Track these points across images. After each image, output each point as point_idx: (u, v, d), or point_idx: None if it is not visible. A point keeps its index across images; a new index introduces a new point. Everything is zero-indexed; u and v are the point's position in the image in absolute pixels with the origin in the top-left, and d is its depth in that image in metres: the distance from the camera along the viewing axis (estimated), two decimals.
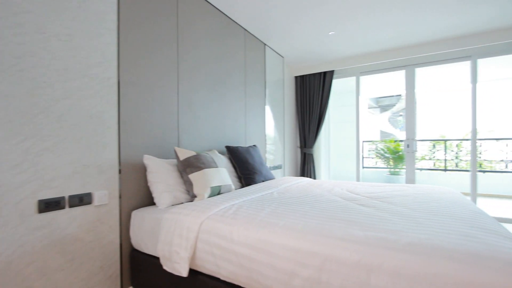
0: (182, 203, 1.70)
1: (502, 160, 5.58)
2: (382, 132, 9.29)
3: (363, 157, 6.42)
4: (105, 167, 1.51)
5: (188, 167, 1.73)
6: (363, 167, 6.45)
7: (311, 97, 4.11)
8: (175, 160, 1.87)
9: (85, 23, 1.44)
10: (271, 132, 3.48)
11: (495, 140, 5.67)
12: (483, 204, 4.12)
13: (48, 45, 1.29)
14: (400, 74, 3.75)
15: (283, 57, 3.74)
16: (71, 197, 1.36)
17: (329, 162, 4.34)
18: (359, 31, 2.96)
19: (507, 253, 0.83)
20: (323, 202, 1.63)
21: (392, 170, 5.99)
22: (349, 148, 5.35)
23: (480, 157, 5.72)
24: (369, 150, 6.88)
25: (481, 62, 3.33)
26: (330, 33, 2.97)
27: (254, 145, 2.66)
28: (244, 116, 2.89)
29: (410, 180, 3.66)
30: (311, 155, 4.14)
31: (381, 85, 7.07)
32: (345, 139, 5.64)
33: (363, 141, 6.44)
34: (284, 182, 2.33)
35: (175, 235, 1.33)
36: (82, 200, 1.41)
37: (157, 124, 1.87)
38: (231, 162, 2.36)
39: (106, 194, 1.51)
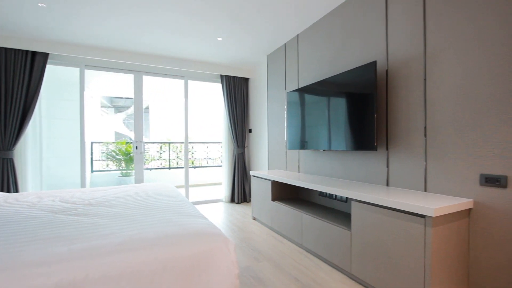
0: None
1: (205, 158, 7.67)
2: (117, 133, 9.05)
3: (92, 160, 5.83)
4: None
5: None
6: (93, 171, 5.87)
7: (8, 80, 3.00)
8: None
9: None
10: None
11: (202, 143, 7.66)
12: (193, 192, 5.33)
13: None
14: (131, 78, 3.85)
15: None
16: None
17: (41, 168, 3.41)
18: (78, 17, 2.61)
19: (190, 228, 1.11)
20: (18, 222, 1.22)
21: (124, 171, 6.00)
22: (74, 150, 4.60)
23: (192, 156, 7.41)
24: (102, 152, 6.39)
25: (192, 83, 4.29)
26: (39, 4, 2.34)
27: None
28: None
29: (139, 180, 3.86)
30: (10, 160, 3.03)
31: (115, 85, 6.89)
32: (70, 139, 4.80)
33: (92, 142, 5.87)
34: None
35: None
36: None
37: None
38: None
39: None
